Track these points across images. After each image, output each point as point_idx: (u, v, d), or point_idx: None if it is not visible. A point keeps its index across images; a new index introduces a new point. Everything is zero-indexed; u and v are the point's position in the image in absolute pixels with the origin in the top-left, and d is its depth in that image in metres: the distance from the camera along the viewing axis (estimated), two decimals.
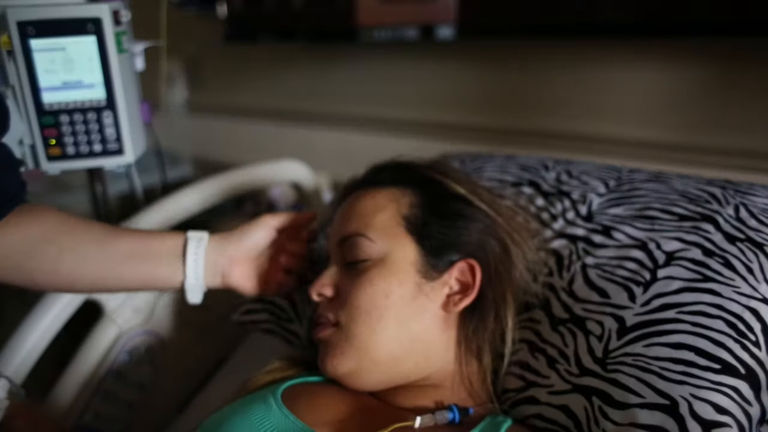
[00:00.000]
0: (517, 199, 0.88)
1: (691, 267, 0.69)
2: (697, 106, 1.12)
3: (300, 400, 0.66)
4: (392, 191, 0.74)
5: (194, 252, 0.76)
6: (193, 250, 0.76)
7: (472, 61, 1.39)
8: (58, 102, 0.84)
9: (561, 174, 0.92)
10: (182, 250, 0.77)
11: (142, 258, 0.76)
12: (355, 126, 1.56)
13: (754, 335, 0.63)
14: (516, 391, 0.71)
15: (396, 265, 0.69)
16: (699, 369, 0.61)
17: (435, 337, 0.69)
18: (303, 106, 1.72)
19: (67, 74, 0.83)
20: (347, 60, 1.60)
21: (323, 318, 0.71)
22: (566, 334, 0.71)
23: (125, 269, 0.75)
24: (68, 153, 0.86)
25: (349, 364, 0.67)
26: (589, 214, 0.83)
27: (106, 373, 0.95)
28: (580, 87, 1.24)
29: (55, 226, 0.73)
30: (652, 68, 1.15)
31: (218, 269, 0.78)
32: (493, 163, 0.99)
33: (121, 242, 0.75)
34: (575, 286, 0.75)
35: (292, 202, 1.36)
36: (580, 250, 0.79)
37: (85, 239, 0.74)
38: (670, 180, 0.84)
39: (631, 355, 0.64)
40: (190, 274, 0.77)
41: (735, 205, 0.75)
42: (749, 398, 0.60)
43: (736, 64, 1.07)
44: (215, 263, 0.78)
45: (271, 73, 1.78)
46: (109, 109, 0.86)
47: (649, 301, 0.68)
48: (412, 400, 0.69)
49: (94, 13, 0.82)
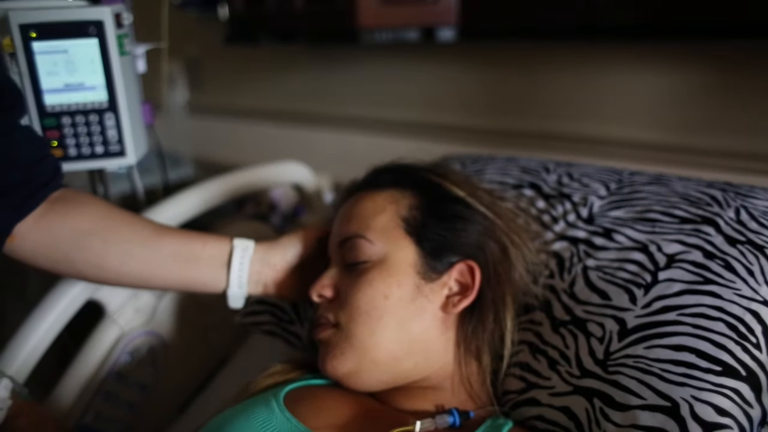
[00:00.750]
0: (517, 201, 0.88)
1: (692, 269, 0.69)
2: (697, 108, 1.12)
3: (302, 403, 0.66)
4: (392, 193, 0.74)
5: (239, 261, 0.77)
6: (238, 259, 0.77)
7: (472, 63, 1.39)
8: (60, 104, 0.84)
9: (562, 176, 0.92)
10: (227, 257, 0.77)
11: (186, 261, 0.76)
12: (356, 127, 1.57)
13: (755, 337, 0.63)
14: (517, 393, 0.71)
15: (395, 266, 0.69)
16: (700, 371, 0.61)
17: (434, 338, 0.69)
18: (304, 107, 1.72)
19: (69, 76, 0.83)
20: (348, 62, 1.61)
21: (323, 319, 0.71)
22: (567, 336, 0.71)
23: (170, 270, 0.76)
24: (70, 155, 0.86)
25: (348, 365, 0.67)
26: (590, 217, 0.83)
27: (108, 373, 0.95)
28: (581, 89, 1.24)
29: (101, 219, 0.74)
30: (652, 70, 1.16)
31: (261, 279, 0.79)
32: (494, 165, 0.99)
33: (165, 242, 0.76)
34: (576, 288, 0.75)
35: (294, 204, 1.36)
36: (581, 252, 0.79)
37: (131, 236, 0.74)
38: (671, 182, 0.84)
39: (632, 357, 0.65)
40: (234, 282, 0.77)
41: (736, 207, 0.76)
42: (750, 400, 0.60)
43: (736, 66, 1.07)
44: (259, 273, 0.78)
45: (272, 74, 1.79)
46: (110, 111, 0.86)
47: (650, 303, 0.68)
48: (413, 403, 0.70)
49: (96, 16, 0.82)
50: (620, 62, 1.19)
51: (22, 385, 0.74)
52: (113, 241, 0.74)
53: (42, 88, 0.83)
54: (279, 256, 0.79)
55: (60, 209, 0.72)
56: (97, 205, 0.75)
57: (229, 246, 0.77)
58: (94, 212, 0.74)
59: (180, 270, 0.76)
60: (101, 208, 0.75)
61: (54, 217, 0.71)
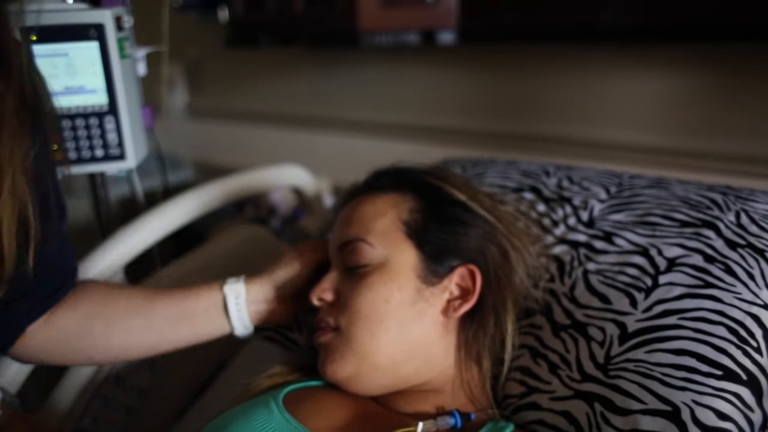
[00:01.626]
0: (518, 204, 0.88)
1: (692, 273, 0.69)
2: (697, 111, 1.12)
3: (302, 404, 0.66)
4: (392, 196, 0.74)
5: (236, 308, 0.77)
6: (234, 306, 0.77)
7: (472, 66, 1.39)
8: (60, 107, 0.84)
9: (562, 180, 0.92)
10: (222, 305, 0.77)
11: (183, 320, 0.76)
12: (356, 130, 1.57)
13: (756, 341, 0.63)
14: (518, 397, 0.71)
15: (396, 269, 0.69)
16: (701, 375, 0.61)
17: (435, 342, 0.69)
18: (304, 110, 1.72)
19: (70, 79, 0.84)
20: (348, 65, 1.61)
21: (323, 322, 0.71)
22: (568, 340, 0.71)
23: (171, 334, 0.76)
24: (70, 158, 0.86)
25: (348, 369, 0.67)
26: (591, 220, 0.83)
27: (105, 377, 0.95)
28: (581, 92, 1.24)
29: (99, 301, 0.75)
30: (652, 73, 1.16)
31: (261, 314, 0.79)
32: (495, 169, 0.99)
33: (159, 308, 0.76)
34: (577, 292, 0.75)
35: (293, 207, 1.36)
36: (581, 255, 0.79)
37: (129, 311, 0.75)
38: (671, 186, 0.84)
39: (633, 361, 0.65)
40: (237, 326, 0.77)
41: (736, 211, 0.76)
42: (751, 404, 0.60)
43: (736, 69, 1.07)
44: (257, 311, 0.78)
45: (272, 77, 1.79)
46: (111, 114, 0.86)
47: (651, 307, 0.68)
48: (413, 406, 0.69)
49: (97, 19, 0.82)
50: (620, 65, 1.19)
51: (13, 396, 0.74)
52: (114, 318, 0.74)
53: None
54: (271, 290, 0.78)
55: (64, 302, 0.72)
56: (95, 289, 0.76)
57: (221, 294, 0.77)
58: (92, 296, 0.74)
59: (180, 330, 0.76)
60: (98, 291, 0.76)
61: (61, 312, 0.72)
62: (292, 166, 1.23)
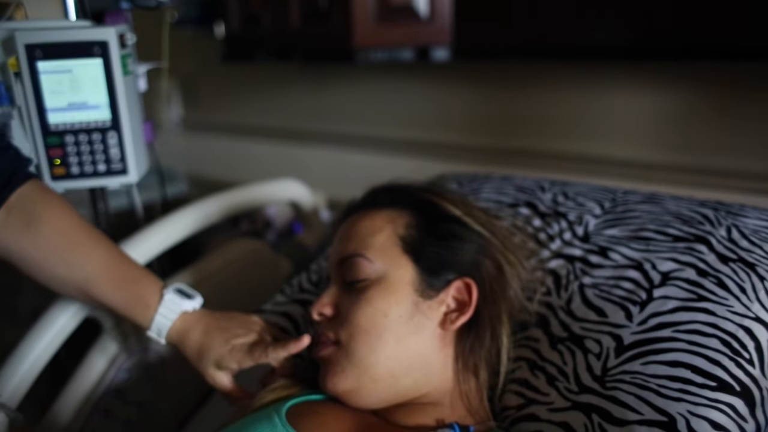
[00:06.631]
0: (514, 219, 0.90)
1: (685, 287, 0.71)
2: (688, 128, 1.14)
3: (305, 419, 0.66)
4: (389, 213, 0.75)
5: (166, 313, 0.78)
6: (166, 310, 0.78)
7: (467, 83, 1.41)
8: (64, 123, 0.85)
9: (557, 195, 0.94)
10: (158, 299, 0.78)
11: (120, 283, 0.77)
12: (351, 145, 1.58)
13: (748, 353, 0.64)
14: (516, 409, 0.72)
15: (394, 284, 0.70)
16: (696, 386, 0.62)
17: (433, 355, 0.70)
18: (299, 125, 1.73)
19: (73, 95, 0.84)
20: (343, 80, 1.62)
21: (324, 337, 0.72)
22: (565, 353, 0.72)
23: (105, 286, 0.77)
24: (72, 173, 0.87)
25: (349, 382, 0.68)
26: (586, 235, 0.85)
27: (105, 390, 0.95)
28: (575, 108, 1.26)
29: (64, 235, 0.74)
30: (645, 91, 1.18)
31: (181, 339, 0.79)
32: (490, 185, 1.00)
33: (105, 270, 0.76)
34: (573, 306, 0.76)
35: (288, 221, 1.37)
36: (577, 270, 0.80)
37: None
38: (664, 201, 0.86)
39: (629, 373, 0.66)
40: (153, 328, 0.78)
41: (727, 226, 0.78)
42: (744, 415, 0.61)
43: (728, 87, 1.10)
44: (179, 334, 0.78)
45: (267, 92, 1.80)
46: (113, 129, 0.87)
47: (646, 320, 0.70)
48: (413, 419, 0.70)
49: (101, 37, 0.83)
50: (613, 83, 1.21)
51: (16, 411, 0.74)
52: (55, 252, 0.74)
53: (46, 107, 0.84)
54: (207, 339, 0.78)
55: (16, 222, 0.71)
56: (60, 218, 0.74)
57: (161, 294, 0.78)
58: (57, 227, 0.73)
59: None
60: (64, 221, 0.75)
61: (8, 234, 0.71)
62: (291, 181, 1.24)
